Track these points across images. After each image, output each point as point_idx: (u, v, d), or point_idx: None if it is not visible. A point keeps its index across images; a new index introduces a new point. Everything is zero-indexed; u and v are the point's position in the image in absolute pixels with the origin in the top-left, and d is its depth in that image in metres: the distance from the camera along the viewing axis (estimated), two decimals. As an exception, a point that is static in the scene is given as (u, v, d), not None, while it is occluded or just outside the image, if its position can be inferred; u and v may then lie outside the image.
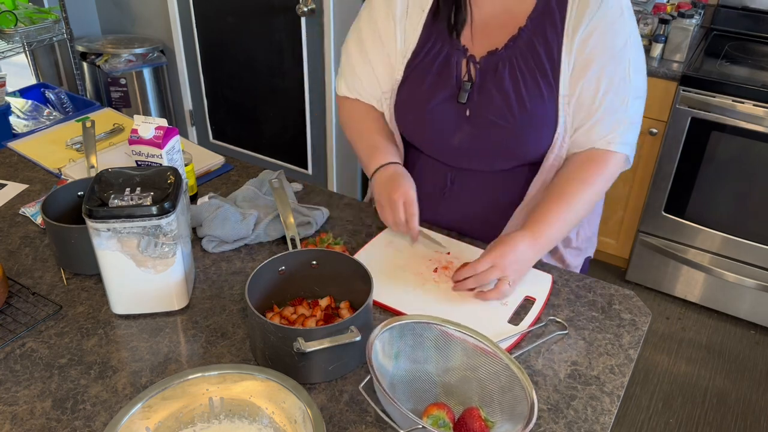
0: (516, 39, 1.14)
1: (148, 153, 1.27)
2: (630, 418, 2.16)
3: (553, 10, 1.12)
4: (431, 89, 1.20)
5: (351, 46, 1.29)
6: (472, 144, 1.20)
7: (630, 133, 1.15)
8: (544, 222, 1.12)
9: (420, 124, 1.25)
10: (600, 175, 1.15)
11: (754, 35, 2.58)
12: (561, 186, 1.15)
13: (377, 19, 1.24)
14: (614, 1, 1.09)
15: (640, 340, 1.06)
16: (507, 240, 1.10)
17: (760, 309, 2.48)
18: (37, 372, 0.97)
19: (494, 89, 1.15)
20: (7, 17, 2.68)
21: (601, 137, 1.14)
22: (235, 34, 3.04)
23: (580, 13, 1.10)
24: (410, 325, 0.93)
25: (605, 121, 1.13)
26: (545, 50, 1.12)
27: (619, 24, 1.09)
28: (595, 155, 1.16)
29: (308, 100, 2.95)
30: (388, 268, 1.18)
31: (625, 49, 1.10)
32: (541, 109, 1.14)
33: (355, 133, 1.33)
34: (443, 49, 1.19)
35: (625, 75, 1.11)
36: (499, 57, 1.15)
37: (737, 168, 2.29)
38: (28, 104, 2.45)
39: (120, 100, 3.23)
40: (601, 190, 1.18)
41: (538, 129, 1.16)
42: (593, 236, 1.39)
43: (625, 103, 1.12)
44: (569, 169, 1.17)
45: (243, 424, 0.85)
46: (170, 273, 1.04)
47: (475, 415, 0.84)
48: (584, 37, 1.10)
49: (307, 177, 3.18)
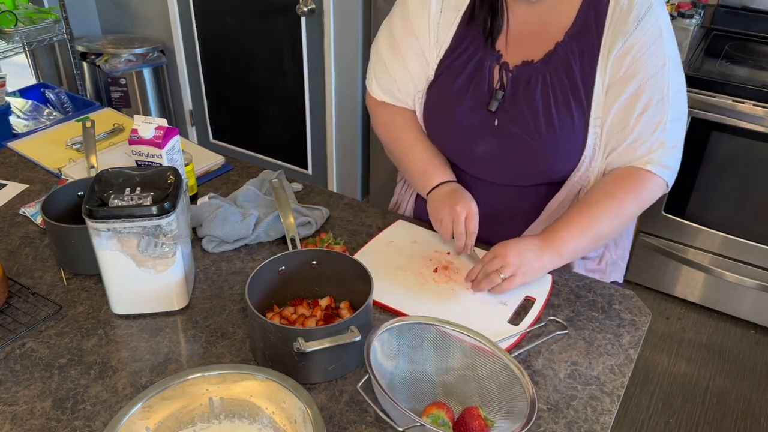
0: (552, 54, 1.11)
1: (148, 153, 1.27)
2: (630, 418, 2.15)
3: (591, 27, 1.09)
4: (461, 92, 1.18)
5: (382, 43, 1.26)
6: (496, 156, 1.18)
7: (670, 157, 1.11)
8: (561, 228, 1.10)
9: (446, 127, 1.22)
10: (631, 193, 1.11)
11: (754, 35, 2.58)
12: (588, 197, 1.13)
13: (411, 14, 1.21)
14: (652, 22, 1.06)
15: (640, 340, 1.06)
16: (516, 239, 1.10)
17: (760, 309, 2.48)
18: (37, 372, 0.97)
19: (524, 103, 1.13)
20: (7, 17, 2.68)
21: (637, 159, 1.11)
22: (235, 34, 3.04)
23: (616, 32, 1.07)
24: (410, 326, 0.93)
25: (641, 143, 1.10)
26: (580, 69, 1.10)
27: (658, 45, 1.06)
28: (632, 173, 1.12)
29: (308, 100, 2.95)
30: (388, 268, 1.18)
31: (663, 71, 1.07)
32: (570, 129, 1.11)
33: (402, 146, 1.29)
34: (476, 53, 1.17)
35: (664, 96, 1.07)
36: (534, 69, 1.13)
37: (737, 168, 2.29)
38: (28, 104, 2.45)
39: (120, 100, 3.23)
40: (632, 209, 1.12)
41: (564, 150, 1.13)
42: (620, 261, 1.33)
43: (663, 124, 1.09)
44: (601, 183, 1.14)
45: (243, 424, 0.85)
46: (170, 273, 1.04)
47: (474, 414, 0.84)
48: (619, 57, 1.07)
49: (307, 177, 3.18)
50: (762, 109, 2.16)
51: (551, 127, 1.11)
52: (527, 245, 1.09)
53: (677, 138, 1.12)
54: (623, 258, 1.35)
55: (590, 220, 1.10)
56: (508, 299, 1.11)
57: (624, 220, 1.13)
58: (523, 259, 1.08)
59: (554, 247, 1.09)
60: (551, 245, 1.09)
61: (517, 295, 1.12)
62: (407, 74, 1.24)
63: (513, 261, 1.07)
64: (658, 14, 1.07)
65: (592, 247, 1.14)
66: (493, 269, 1.07)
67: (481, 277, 1.09)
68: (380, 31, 1.28)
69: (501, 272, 1.07)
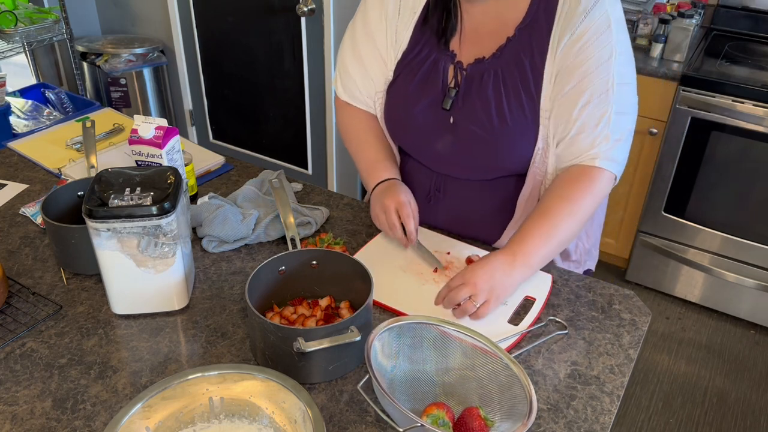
0: (503, 49, 1.13)
1: (148, 153, 1.27)
2: (630, 418, 2.16)
3: (541, 21, 1.10)
4: (417, 92, 1.20)
5: (345, 45, 1.30)
6: (455, 152, 1.20)
7: (616, 150, 1.11)
8: (524, 240, 1.09)
9: (405, 127, 1.25)
10: (585, 192, 1.11)
11: (754, 35, 2.58)
12: (544, 203, 1.12)
13: (370, 18, 1.24)
14: (600, 13, 1.06)
15: (640, 340, 1.06)
16: (484, 259, 1.08)
17: (760, 309, 2.48)
18: (37, 372, 0.97)
19: (477, 98, 1.15)
20: (7, 17, 2.68)
21: (584, 152, 1.11)
22: (235, 34, 3.04)
23: (565, 24, 1.08)
24: (410, 326, 0.93)
25: (586, 134, 1.10)
26: (530, 62, 1.11)
27: (605, 36, 1.06)
28: (581, 172, 1.12)
29: (308, 100, 2.95)
30: (388, 268, 1.18)
31: (609, 62, 1.06)
32: (522, 121, 1.12)
33: (354, 145, 1.34)
34: (431, 53, 1.19)
35: (608, 88, 1.07)
36: (485, 66, 1.14)
37: (737, 168, 2.29)
38: (28, 104, 2.45)
39: (120, 100, 3.23)
40: (588, 207, 1.12)
41: (517, 142, 1.14)
42: (593, 249, 1.38)
43: (607, 116, 1.08)
44: (554, 186, 1.14)
45: (243, 424, 0.85)
46: (170, 273, 1.04)
47: (474, 414, 0.84)
48: (566, 48, 1.08)
49: (307, 177, 3.18)
50: (762, 109, 2.16)
51: (503, 121, 1.13)
52: (495, 266, 1.06)
53: (622, 131, 1.11)
54: (595, 246, 1.38)
55: (551, 226, 1.09)
56: (508, 299, 1.11)
57: (582, 220, 1.13)
58: (494, 282, 1.05)
59: (522, 260, 1.08)
60: (518, 259, 1.08)
61: (517, 295, 1.12)
62: (367, 77, 1.28)
63: (483, 287, 1.04)
64: (607, 6, 1.06)
65: (556, 252, 1.15)
66: (463, 297, 1.04)
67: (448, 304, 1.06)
68: (345, 33, 1.31)
69: (473, 300, 1.04)
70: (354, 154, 1.34)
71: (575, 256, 1.32)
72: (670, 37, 2.38)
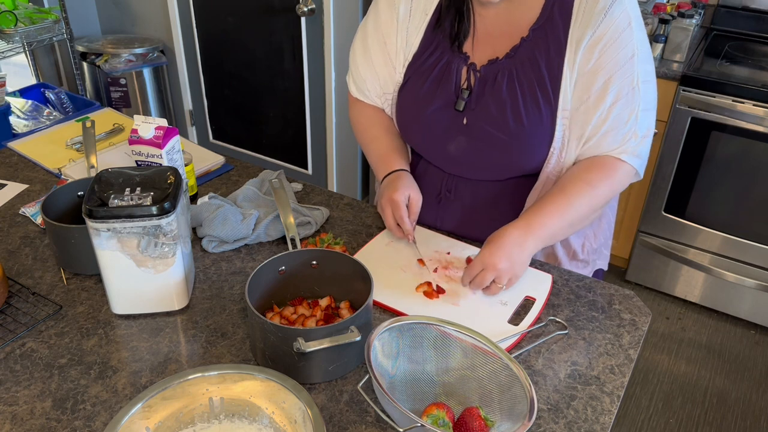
0: (517, 49, 1.13)
1: (148, 153, 1.27)
2: (630, 418, 2.16)
3: (557, 21, 1.10)
4: (429, 94, 1.20)
5: (356, 45, 1.30)
6: (467, 153, 1.20)
7: (641, 146, 1.13)
8: (539, 212, 1.11)
9: (417, 128, 1.25)
10: (605, 180, 1.13)
11: (754, 35, 2.58)
12: (562, 182, 1.14)
13: (381, 19, 1.24)
14: (620, 12, 1.06)
15: (640, 340, 1.06)
16: (497, 236, 1.10)
17: (760, 309, 2.48)
18: (37, 372, 0.97)
19: (491, 99, 1.14)
20: (7, 17, 2.68)
21: (612, 149, 1.12)
22: (235, 34, 3.04)
23: (583, 24, 1.08)
24: (410, 326, 0.93)
25: (614, 133, 1.11)
26: (546, 62, 1.11)
27: (626, 35, 1.07)
28: (604, 160, 1.14)
29: (308, 100, 2.95)
30: (388, 268, 1.18)
31: (632, 61, 1.07)
32: (538, 122, 1.12)
33: (366, 139, 1.34)
34: (444, 55, 1.19)
35: (634, 87, 1.08)
36: (499, 66, 1.14)
37: (737, 168, 2.29)
38: (28, 104, 2.45)
39: (120, 100, 3.23)
40: (605, 195, 1.15)
41: (533, 142, 1.14)
42: (603, 248, 1.36)
43: (635, 115, 1.10)
44: (575, 169, 1.15)
45: (243, 424, 0.85)
46: (170, 273, 1.04)
47: (474, 414, 0.84)
48: (588, 48, 1.08)
49: (307, 177, 3.18)
50: (762, 109, 2.16)
51: (519, 121, 1.13)
52: (510, 241, 1.09)
53: (648, 127, 1.13)
54: (606, 246, 1.38)
55: (567, 204, 1.12)
56: (508, 299, 1.11)
57: (596, 205, 1.15)
58: (512, 260, 1.08)
59: (534, 232, 1.10)
60: (531, 231, 1.10)
61: (517, 295, 1.12)
62: (375, 78, 1.29)
63: (504, 267, 1.07)
64: (625, 4, 1.07)
65: (567, 231, 1.17)
66: (486, 282, 1.09)
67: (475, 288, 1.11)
68: (357, 31, 1.31)
69: (498, 283, 1.08)
70: (365, 148, 1.35)
71: (582, 256, 1.32)
72: (670, 37, 2.38)
